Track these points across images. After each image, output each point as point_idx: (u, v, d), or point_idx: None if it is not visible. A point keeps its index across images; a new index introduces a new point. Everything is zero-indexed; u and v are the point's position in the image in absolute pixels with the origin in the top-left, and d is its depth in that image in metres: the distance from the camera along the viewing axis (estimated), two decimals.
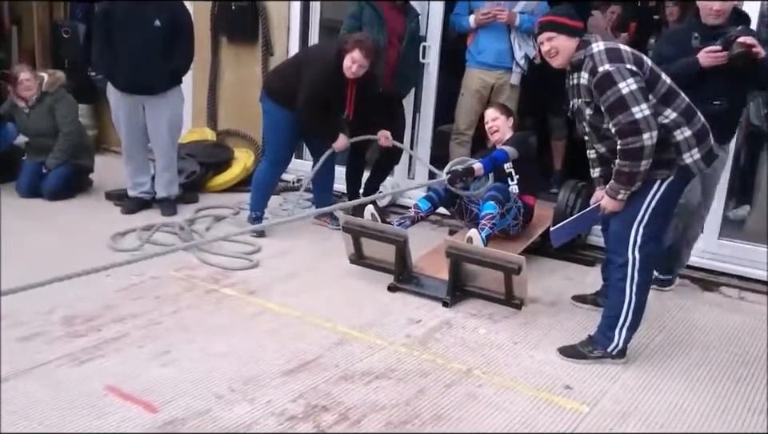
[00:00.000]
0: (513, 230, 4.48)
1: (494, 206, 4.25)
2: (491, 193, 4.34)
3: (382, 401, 2.91)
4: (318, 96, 4.57)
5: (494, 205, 4.26)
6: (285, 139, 4.76)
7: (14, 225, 4.71)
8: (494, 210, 4.23)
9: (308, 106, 4.58)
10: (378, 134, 4.90)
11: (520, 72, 5.40)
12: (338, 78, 4.60)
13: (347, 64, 4.53)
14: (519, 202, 4.49)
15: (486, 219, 4.19)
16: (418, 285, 4.05)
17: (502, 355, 3.39)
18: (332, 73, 4.58)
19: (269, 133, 4.89)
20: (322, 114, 4.65)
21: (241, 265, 4.29)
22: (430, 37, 5.52)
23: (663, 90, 3.23)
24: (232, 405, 2.81)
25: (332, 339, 3.43)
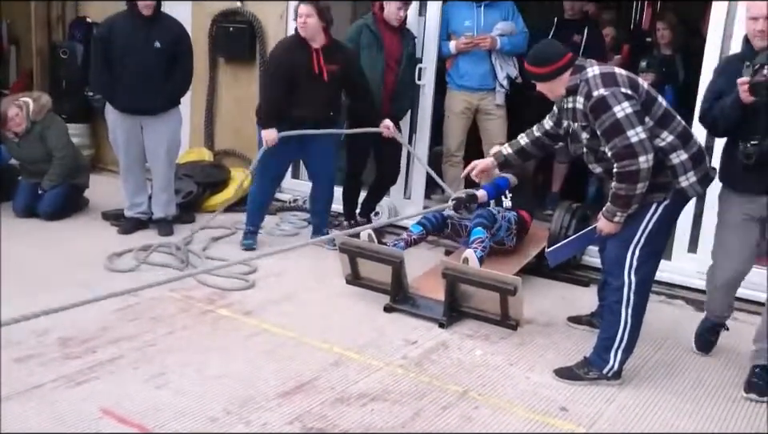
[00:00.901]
0: (507, 240, 4.53)
1: (482, 232, 4.33)
2: (477, 220, 4.42)
3: (378, 424, 2.90)
4: (275, 74, 4.69)
5: (481, 230, 4.34)
6: (274, 157, 4.77)
7: (10, 244, 4.70)
8: (483, 235, 4.31)
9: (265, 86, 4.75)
10: (381, 125, 4.90)
11: (503, 92, 5.46)
12: (296, 46, 4.67)
13: (297, 23, 4.62)
14: (510, 214, 4.56)
15: (477, 243, 4.24)
16: (414, 306, 4.06)
17: (498, 376, 3.39)
18: (287, 42, 4.74)
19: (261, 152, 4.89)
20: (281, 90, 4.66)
21: (237, 286, 4.29)
22: (426, 58, 5.56)
23: (660, 112, 3.25)
24: (227, 428, 2.81)
25: (328, 360, 3.43)
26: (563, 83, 3.32)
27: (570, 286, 4.66)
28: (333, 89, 4.81)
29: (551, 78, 3.33)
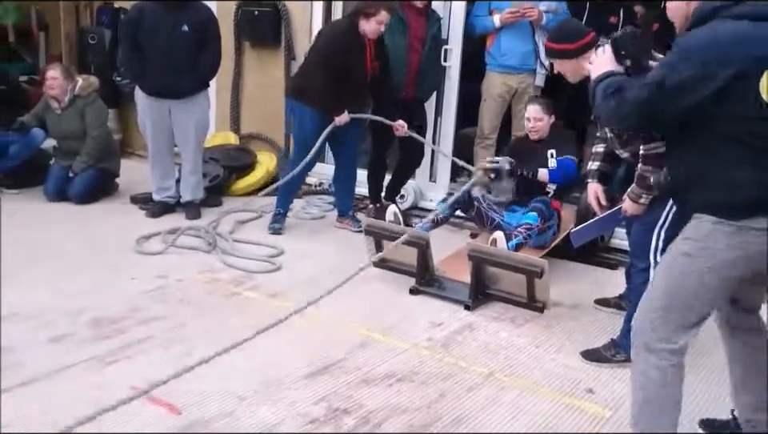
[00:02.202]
0: (548, 241, 4.47)
1: (535, 218, 4.23)
2: (536, 205, 4.33)
3: (404, 404, 2.92)
4: (329, 59, 4.58)
5: (536, 217, 4.23)
6: (311, 138, 4.75)
7: (41, 228, 4.81)
8: (535, 223, 4.21)
9: (319, 69, 4.59)
10: (395, 123, 4.88)
11: (545, 73, 5.38)
12: (352, 41, 4.63)
13: (373, 27, 4.59)
14: (555, 215, 4.47)
15: (524, 228, 4.18)
16: (439, 288, 4.06)
17: (524, 358, 3.39)
18: (344, 35, 4.64)
19: (297, 133, 4.90)
20: (334, 81, 4.60)
21: (264, 268, 4.32)
22: (451, 40, 5.52)
23: None
24: (255, 407, 2.84)
25: (354, 341, 3.45)
26: (578, 68, 3.26)
27: (598, 268, 4.62)
28: (371, 84, 4.85)
29: (577, 56, 3.28)
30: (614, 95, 2.24)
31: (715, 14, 2.08)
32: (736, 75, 2.00)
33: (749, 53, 2.00)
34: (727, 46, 2.02)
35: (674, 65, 2.08)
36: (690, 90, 2.04)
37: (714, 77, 2.01)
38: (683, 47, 2.09)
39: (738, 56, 2.00)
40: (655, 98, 2.10)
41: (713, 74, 2.01)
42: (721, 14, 2.07)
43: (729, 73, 2.00)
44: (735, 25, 2.03)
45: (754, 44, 2.02)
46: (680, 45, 2.11)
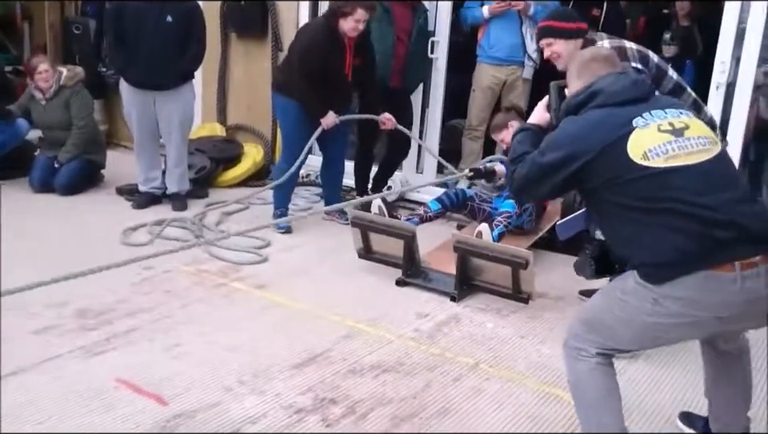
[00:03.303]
0: (527, 225, 4.51)
1: (513, 205, 4.28)
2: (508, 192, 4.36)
3: (390, 395, 2.93)
4: (308, 65, 4.53)
5: (513, 204, 4.29)
6: (298, 132, 4.72)
7: (27, 219, 4.78)
8: (513, 210, 4.27)
9: (298, 75, 4.53)
10: (381, 117, 4.85)
11: (532, 66, 5.40)
12: (330, 44, 4.56)
13: (351, 25, 4.49)
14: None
15: (503, 217, 4.22)
16: (425, 279, 4.07)
17: (509, 349, 3.41)
18: (322, 39, 4.55)
19: (283, 128, 4.89)
20: (315, 84, 4.55)
21: (250, 259, 4.32)
22: (438, 32, 5.53)
23: (670, 85, 3.25)
24: (241, 398, 2.85)
25: (340, 332, 3.46)
26: (570, 53, 3.28)
27: None
28: (353, 82, 4.79)
29: (572, 37, 3.29)
30: (515, 163, 2.41)
31: (582, 106, 2.28)
32: (602, 150, 2.15)
33: (612, 128, 2.16)
34: (592, 129, 2.18)
35: (546, 150, 2.27)
36: (559, 169, 2.22)
37: (579, 157, 2.17)
38: (557, 135, 2.29)
39: (602, 134, 2.16)
40: (533, 174, 2.31)
41: (577, 156, 2.17)
42: (587, 106, 2.27)
43: (593, 152, 2.15)
44: (599, 111, 2.23)
45: (616, 121, 2.18)
46: (556, 132, 2.31)
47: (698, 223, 2.03)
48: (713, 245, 2.02)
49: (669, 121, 2.16)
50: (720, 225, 2.02)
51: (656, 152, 2.09)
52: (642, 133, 2.13)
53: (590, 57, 2.43)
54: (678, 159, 2.09)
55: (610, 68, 2.36)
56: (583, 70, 2.38)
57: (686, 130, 2.15)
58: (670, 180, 2.07)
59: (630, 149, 2.11)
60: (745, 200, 2.10)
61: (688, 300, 2.06)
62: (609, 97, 2.23)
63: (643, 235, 2.11)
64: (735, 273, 2.02)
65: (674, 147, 2.10)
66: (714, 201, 2.04)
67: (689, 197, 2.04)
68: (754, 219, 2.05)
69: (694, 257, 2.03)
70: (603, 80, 2.28)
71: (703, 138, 2.16)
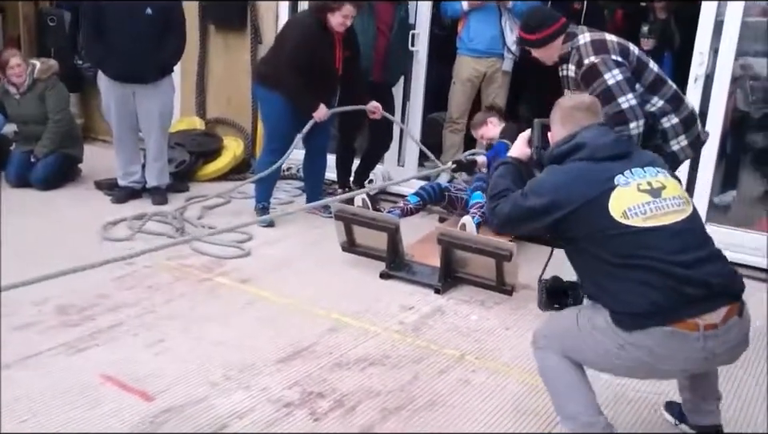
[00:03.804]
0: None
1: (480, 196, 4.36)
2: (477, 184, 4.47)
3: (377, 387, 2.94)
4: (301, 58, 4.50)
5: (480, 194, 4.37)
6: (282, 125, 4.71)
7: (3, 215, 4.69)
8: (482, 199, 4.34)
9: (290, 70, 4.51)
10: (368, 106, 4.85)
11: (512, 58, 5.42)
12: (320, 38, 4.55)
13: (338, 21, 4.49)
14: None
15: (476, 208, 4.29)
16: (409, 272, 4.08)
17: (494, 340, 3.43)
18: (312, 34, 4.54)
19: (267, 121, 4.86)
20: (305, 79, 4.53)
21: (233, 254, 4.29)
22: (419, 24, 5.53)
23: (651, 78, 3.28)
24: (228, 393, 2.83)
25: (326, 326, 3.46)
26: (556, 50, 3.33)
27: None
28: (342, 75, 4.79)
29: (542, 45, 3.35)
30: (496, 198, 2.47)
31: (566, 157, 2.36)
32: (583, 204, 2.23)
33: (594, 184, 2.24)
34: (574, 182, 2.27)
35: (529, 193, 2.35)
36: (540, 215, 2.32)
37: (560, 207, 2.26)
38: (540, 182, 2.37)
39: (584, 188, 2.25)
40: (515, 215, 2.40)
41: (559, 206, 2.27)
42: (571, 157, 2.34)
43: (574, 205, 2.24)
44: (582, 165, 2.31)
45: (599, 177, 2.26)
46: (540, 178, 2.40)
47: (671, 280, 2.14)
48: (682, 301, 2.15)
49: (648, 180, 2.27)
50: (691, 282, 2.14)
51: (635, 211, 2.20)
52: (623, 191, 2.23)
53: (574, 105, 2.48)
54: (655, 219, 2.20)
55: (593, 118, 2.44)
56: (567, 118, 2.45)
57: (663, 191, 2.26)
58: (647, 239, 2.19)
59: (612, 207, 2.21)
60: (711, 258, 2.23)
61: (652, 351, 2.18)
62: (593, 151, 2.32)
63: (618, 287, 2.22)
64: (699, 333, 2.14)
65: (651, 208, 2.21)
66: (686, 259, 2.16)
67: (663, 255, 2.16)
68: (718, 277, 2.18)
69: (663, 310, 2.15)
70: (587, 132, 2.36)
71: (678, 199, 2.27)
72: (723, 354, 2.24)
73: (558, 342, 2.39)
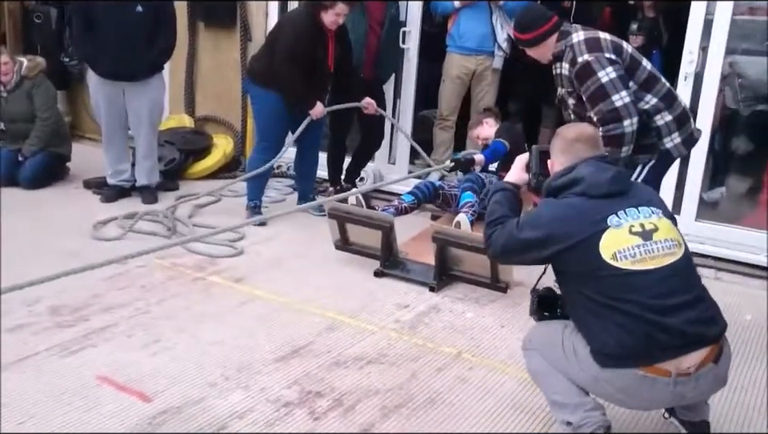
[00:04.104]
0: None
1: (471, 196, 4.43)
2: (466, 184, 4.53)
3: (376, 386, 2.94)
4: (296, 55, 4.49)
5: (471, 194, 4.43)
6: (274, 122, 4.70)
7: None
8: (472, 199, 4.41)
9: (286, 67, 4.49)
10: (363, 102, 4.85)
11: (502, 55, 5.43)
12: (315, 35, 4.55)
13: (331, 19, 4.49)
14: (495, 178, 4.61)
15: (467, 207, 4.34)
16: (404, 270, 4.08)
17: (490, 338, 3.45)
18: (307, 31, 4.53)
19: (259, 118, 4.85)
20: (302, 76, 4.53)
21: (226, 253, 4.27)
22: (410, 22, 5.53)
23: (644, 76, 3.30)
24: (226, 393, 2.82)
25: (322, 325, 3.45)
26: (549, 49, 3.34)
27: None
28: (335, 72, 4.79)
29: (536, 44, 3.36)
30: (492, 225, 2.48)
31: (563, 190, 2.37)
32: (576, 243, 2.26)
33: (588, 224, 2.26)
34: (569, 220, 2.29)
35: (524, 226, 2.37)
36: (534, 248, 2.35)
37: (554, 243, 2.29)
38: (536, 215, 2.41)
39: (578, 227, 2.27)
40: (510, 246, 2.42)
41: (552, 241, 2.29)
42: (567, 191, 2.35)
43: (567, 243, 2.27)
44: (578, 201, 2.32)
45: (593, 217, 2.27)
46: (536, 211, 2.45)
47: (647, 326, 2.19)
48: (655, 347, 2.20)
49: (641, 222, 2.28)
50: (667, 330, 2.18)
51: (625, 254, 2.23)
52: (614, 233, 2.25)
53: (575, 136, 2.48)
54: (644, 263, 2.23)
55: (594, 149, 2.45)
56: (567, 148, 2.46)
57: (654, 233, 2.27)
58: (633, 282, 2.22)
59: (602, 248, 2.24)
60: (694, 303, 2.25)
61: (622, 390, 2.27)
62: (589, 187, 2.32)
63: (596, 325, 2.27)
64: (669, 379, 2.21)
65: (641, 251, 2.24)
66: (667, 305, 2.20)
67: (645, 299, 2.20)
68: (696, 325, 2.21)
69: (635, 354, 2.21)
70: (586, 167, 2.36)
71: (669, 241, 2.28)
72: (694, 397, 2.32)
73: (543, 352, 2.47)
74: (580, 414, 2.35)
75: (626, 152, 3.18)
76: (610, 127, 3.15)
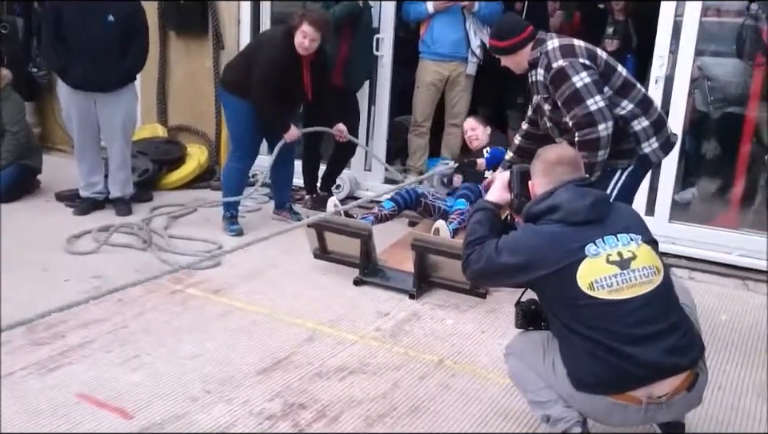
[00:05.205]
0: None
1: (464, 204, 4.41)
2: (463, 191, 4.54)
3: (359, 396, 2.93)
4: (270, 81, 4.47)
5: (465, 202, 4.42)
6: (249, 131, 4.67)
7: None
8: (465, 207, 4.38)
9: (261, 93, 4.47)
10: (334, 129, 4.86)
11: (476, 62, 5.46)
12: (290, 60, 4.51)
13: (299, 40, 4.42)
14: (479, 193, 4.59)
15: (456, 214, 4.35)
16: (383, 278, 4.08)
17: (471, 344, 3.45)
18: (283, 54, 4.49)
19: (232, 127, 4.81)
20: (276, 101, 4.53)
21: (203, 264, 4.22)
22: (383, 28, 5.53)
23: (619, 82, 3.33)
24: (209, 407, 2.79)
25: (303, 335, 3.44)
26: (525, 57, 3.38)
27: None
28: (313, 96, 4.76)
29: (512, 52, 3.39)
30: (471, 246, 2.47)
31: (540, 217, 2.36)
32: (554, 271, 2.25)
33: (565, 253, 2.26)
34: (546, 248, 2.29)
35: (503, 250, 2.36)
36: (511, 274, 2.36)
37: (531, 270, 2.29)
38: (515, 240, 2.38)
39: (555, 256, 2.26)
40: (487, 270, 2.41)
41: (530, 268, 2.29)
42: (545, 218, 2.35)
43: (544, 271, 2.27)
44: (555, 228, 2.31)
45: (570, 245, 2.27)
46: (516, 236, 2.41)
47: (619, 357, 2.20)
48: (627, 378, 2.21)
49: (618, 250, 2.27)
50: (639, 364, 2.19)
51: (601, 284, 2.23)
52: (591, 263, 2.25)
53: (556, 159, 2.47)
54: (621, 292, 2.23)
55: (574, 172, 2.44)
56: (548, 170, 2.45)
57: (632, 261, 2.27)
58: (608, 312, 2.22)
59: (579, 277, 2.24)
60: (671, 330, 2.24)
61: (593, 412, 2.34)
62: (567, 215, 2.31)
63: (570, 350, 2.31)
64: (641, 406, 2.23)
65: (618, 280, 2.23)
66: (641, 334, 2.20)
67: (620, 328, 2.21)
68: (672, 355, 2.21)
69: (607, 384, 2.24)
70: (565, 193, 2.36)
71: (647, 269, 2.28)
72: (667, 418, 2.37)
73: (525, 360, 2.50)
74: (559, 409, 2.38)
75: (601, 156, 3.21)
76: (585, 132, 3.19)
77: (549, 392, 2.41)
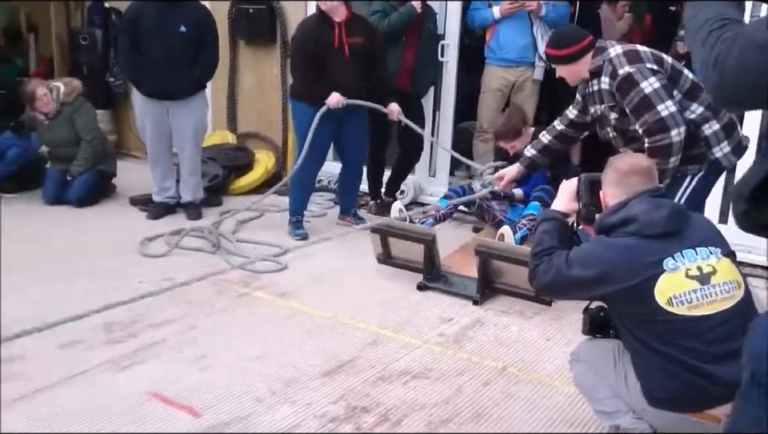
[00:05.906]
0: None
1: (537, 208, 4.25)
2: (539, 194, 4.36)
3: (422, 400, 2.93)
4: (302, 51, 4.61)
5: (538, 207, 4.26)
6: (315, 136, 4.73)
7: (42, 232, 4.78)
8: (538, 213, 4.22)
9: (294, 61, 4.66)
10: (388, 107, 4.80)
11: (543, 66, 5.39)
12: (319, 28, 4.61)
13: (327, 6, 4.57)
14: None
15: (528, 219, 4.20)
16: (447, 283, 4.07)
17: (535, 351, 3.41)
18: (312, 24, 4.67)
19: (299, 132, 4.88)
20: (310, 70, 4.59)
21: (270, 268, 4.31)
22: (448, 35, 5.53)
23: (687, 85, 3.25)
24: (273, 408, 2.84)
25: (366, 339, 3.46)
26: (585, 66, 3.33)
27: None
28: (357, 63, 4.68)
29: (572, 61, 3.35)
30: (539, 257, 2.39)
31: (614, 229, 2.28)
32: (630, 286, 2.18)
33: (641, 268, 2.18)
34: (621, 261, 2.21)
35: (574, 262, 2.29)
36: (583, 287, 2.30)
37: (605, 284, 2.22)
38: (587, 253, 2.31)
39: (631, 270, 2.19)
40: (557, 282, 2.34)
41: (603, 282, 2.22)
42: (619, 230, 2.26)
43: (619, 285, 2.19)
44: (630, 241, 2.23)
45: (646, 259, 2.19)
46: (588, 248, 2.35)
47: (699, 377, 2.14)
48: (706, 398, 2.15)
49: (697, 265, 2.19)
50: (719, 383, 2.10)
51: (680, 300, 2.16)
52: (670, 277, 2.17)
53: (630, 168, 2.38)
54: (700, 309, 2.16)
55: (649, 182, 2.35)
56: (621, 181, 2.36)
57: (712, 276, 2.19)
58: (687, 328, 2.16)
59: (657, 292, 2.16)
60: None
61: (666, 428, 2.29)
62: (642, 227, 2.23)
63: (646, 366, 2.24)
64: (718, 424, 2.15)
65: (698, 296, 2.16)
66: (721, 352, 2.12)
67: (699, 346, 2.14)
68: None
69: (685, 403, 2.19)
70: (639, 205, 2.27)
71: (728, 284, 2.20)
72: None
73: (593, 368, 2.46)
74: (629, 420, 2.34)
75: (673, 163, 3.13)
76: (656, 138, 3.11)
77: (617, 402, 2.37)
